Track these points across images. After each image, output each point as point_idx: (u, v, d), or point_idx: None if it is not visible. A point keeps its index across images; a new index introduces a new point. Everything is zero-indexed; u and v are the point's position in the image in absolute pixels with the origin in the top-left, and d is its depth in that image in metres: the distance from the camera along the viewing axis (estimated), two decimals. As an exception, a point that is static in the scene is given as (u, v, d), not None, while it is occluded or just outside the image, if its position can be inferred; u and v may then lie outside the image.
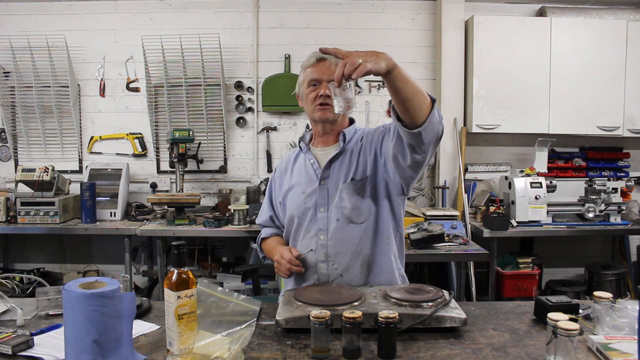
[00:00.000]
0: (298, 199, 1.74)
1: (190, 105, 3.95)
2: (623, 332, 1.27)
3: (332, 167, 1.72)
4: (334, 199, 1.68)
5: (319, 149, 1.79)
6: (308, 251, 1.69)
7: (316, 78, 1.68)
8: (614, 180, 3.62)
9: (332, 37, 3.99)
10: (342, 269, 1.67)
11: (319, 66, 1.68)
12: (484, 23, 3.76)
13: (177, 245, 1.21)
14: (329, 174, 1.72)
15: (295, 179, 1.79)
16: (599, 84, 3.76)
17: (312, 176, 1.74)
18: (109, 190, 3.65)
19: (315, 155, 1.78)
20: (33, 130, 3.99)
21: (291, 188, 1.79)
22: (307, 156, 1.79)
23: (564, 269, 4.22)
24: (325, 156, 1.76)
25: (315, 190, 1.71)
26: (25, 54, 3.83)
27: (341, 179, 1.69)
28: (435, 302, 1.38)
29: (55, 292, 1.52)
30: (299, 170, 1.80)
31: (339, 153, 1.73)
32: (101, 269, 4.06)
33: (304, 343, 1.27)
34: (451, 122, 3.91)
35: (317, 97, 1.68)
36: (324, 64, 1.67)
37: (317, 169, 1.74)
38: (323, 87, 1.67)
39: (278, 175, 1.90)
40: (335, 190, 1.69)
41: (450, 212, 3.48)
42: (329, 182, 1.71)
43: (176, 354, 1.16)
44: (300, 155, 1.83)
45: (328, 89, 1.63)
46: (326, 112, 1.69)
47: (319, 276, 1.69)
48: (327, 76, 1.65)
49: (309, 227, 1.71)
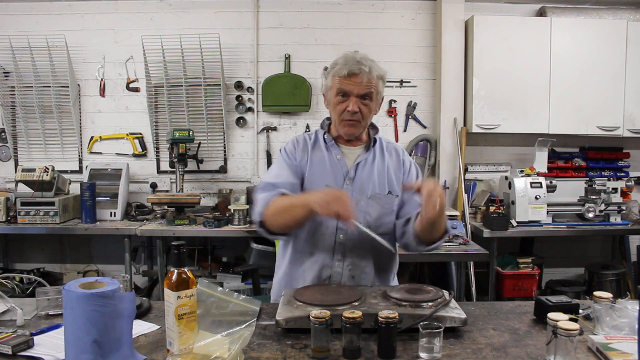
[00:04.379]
0: None
1: (190, 105, 3.95)
2: (623, 332, 1.28)
3: (360, 169, 1.72)
4: (357, 201, 1.67)
5: (345, 146, 1.77)
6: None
7: (346, 91, 1.64)
8: (614, 180, 3.62)
9: (332, 37, 3.99)
10: (355, 271, 1.68)
11: (351, 80, 1.63)
12: (484, 23, 3.76)
13: (177, 245, 1.21)
14: (355, 175, 1.71)
15: (318, 170, 1.71)
16: (599, 84, 3.76)
17: (338, 173, 1.71)
18: (109, 190, 3.65)
19: (341, 151, 1.75)
20: (33, 130, 3.99)
21: (311, 177, 1.70)
22: (333, 150, 1.74)
23: (564, 269, 4.22)
24: (351, 155, 1.75)
25: (340, 188, 1.68)
26: (25, 54, 3.83)
27: (367, 184, 1.70)
28: (435, 302, 1.38)
29: (55, 292, 1.52)
30: (321, 161, 1.73)
31: (368, 158, 1.74)
32: (101, 269, 4.06)
33: (304, 343, 1.27)
34: (451, 122, 3.91)
35: (345, 111, 1.65)
36: (356, 78, 1.62)
37: (344, 167, 1.72)
38: (352, 102, 1.63)
39: (296, 150, 1.75)
40: (359, 192, 1.68)
41: (450, 212, 3.49)
42: (354, 183, 1.70)
43: (176, 354, 1.16)
44: (319, 145, 1.76)
45: (356, 105, 1.63)
46: (352, 129, 1.69)
47: (332, 274, 1.68)
48: (357, 91, 1.63)
49: (328, 223, 1.67)
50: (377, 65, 1.68)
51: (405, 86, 4.04)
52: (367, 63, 1.63)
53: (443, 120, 3.93)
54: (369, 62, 1.64)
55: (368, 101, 1.65)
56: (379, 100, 1.71)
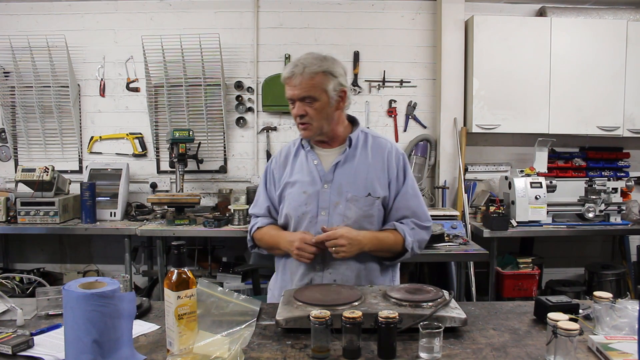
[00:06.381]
0: (299, 198, 1.71)
1: (190, 105, 3.94)
2: (623, 332, 1.27)
3: (337, 172, 1.70)
4: (336, 204, 1.67)
5: (322, 149, 1.76)
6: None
7: (289, 96, 1.65)
8: (614, 180, 3.62)
9: (332, 37, 3.99)
10: (336, 275, 1.68)
11: (289, 84, 1.63)
12: (484, 23, 3.76)
13: (177, 245, 1.21)
14: (332, 178, 1.70)
15: (296, 176, 1.74)
16: (599, 84, 3.75)
17: (315, 177, 1.71)
18: (109, 190, 3.65)
19: (318, 155, 1.74)
20: (33, 130, 3.99)
21: (291, 184, 1.74)
22: (310, 155, 1.74)
23: (564, 269, 4.22)
24: (328, 158, 1.73)
25: (318, 193, 1.69)
26: (25, 54, 3.83)
27: (345, 186, 1.68)
28: (435, 302, 1.38)
29: (55, 292, 1.52)
30: (300, 167, 1.75)
31: (344, 158, 1.71)
32: (101, 269, 4.06)
33: (304, 343, 1.27)
34: (451, 122, 3.91)
35: (294, 116, 1.66)
36: (291, 81, 1.62)
37: (321, 171, 1.71)
38: (296, 106, 1.64)
39: (276, 166, 1.82)
40: (338, 195, 1.68)
41: (450, 212, 3.48)
42: (332, 186, 1.69)
43: (176, 354, 1.16)
44: (301, 151, 1.78)
45: (300, 108, 1.63)
46: (306, 132, 1.69)
47: (314, 277, 1.69)
48: (297, 94, 1.62)
49: (308, 229, 1.69)
50: (323, 61, 1.62)
51: (405, 86, 4.04)
52: (305, 62, 1.59)
53: (443, 120, 3.93)
54: (308, 60, 1.60)
55: (311, 102, 1.62)
56: (333, 97, 1.64)
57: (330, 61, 1.64)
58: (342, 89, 1.67)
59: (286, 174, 1.77)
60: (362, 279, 1.70)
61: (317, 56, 1.63)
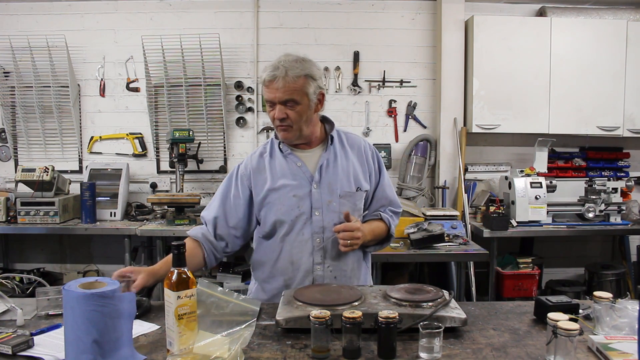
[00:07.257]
0: (289, 202, 1.68)
1: (190, 105, 3.94)
2: (623, 332, 1.28)
3: (324, 170, 1.71)
4: (329, 203, 1.69)
5: (302, 150, 1.75)
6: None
7: (269, 99, 1.64)
8: (614, 180, 3.62)
9: (332, 37, 3.99)
10: (337, 271, 1.71)
11: (270, 87, 1.61)
12: (484, 23, 3.76)
13: (177, 245, 1.21)
14: (320, 178, 1.70)
15: (281, 181, 1.70)
16: (599, 84, 3.75)
17: (303, 179, 1.70)
18: (109, 190, 3.65)
19: (300, 157, 1.73)
20: (33, 130, 3.99)
21: (276, 190, 1.69)
22: (291, 158, 1.72)
23: (564, 269, 4.22)
24: (311, 158, 1.73)
25: (309, 194, 1.68)
26: (25, 54, 3.83)
27: (335, 183, 1.70)
28: (435, 302, 1.38)
29: (55, 292, 1.52)
30: (282, 171, 1.71)
31: (329, 157, 1.73)
32: (101, 269, 4.06)
33: (304, 343, 1.27)
34: (451, 122, 3.91)
35: (274, 119, 1.65)
36: (273, 84, 1.60)
37: (307, 172, 1.71)
38: (277, 109, 1.63)
39: (249, 174, 1.74)
40: (329, 194, 1.69)
41: (450, 212, 3.48)
42: (321, 185, 1.70)
43: (176, 354, 1.16)
44: (277, 155, 1.75)
45: (281, 112, 1.61)
46: (286, 134, 1.67)
47: (315, 278, 1.70)
48: (278, 97, 1.60)
49: (303, 230, 1.69)
50: (303, 63, 1.62)
51: (405, 86, 4.04)
52: (286, 65, 1.59)
53: (443, 120, 3.93)
54: (288, 63, 1.59)
55: (293, 105, 1.62)
56: (312, 100, 1.64)
57: (309, 63, 1.65)
58: (320, 92, 1.68)
59: (266, 180, 1.72)
60: (354, 269, 1.78)
61: (297, 58, 1.63)
